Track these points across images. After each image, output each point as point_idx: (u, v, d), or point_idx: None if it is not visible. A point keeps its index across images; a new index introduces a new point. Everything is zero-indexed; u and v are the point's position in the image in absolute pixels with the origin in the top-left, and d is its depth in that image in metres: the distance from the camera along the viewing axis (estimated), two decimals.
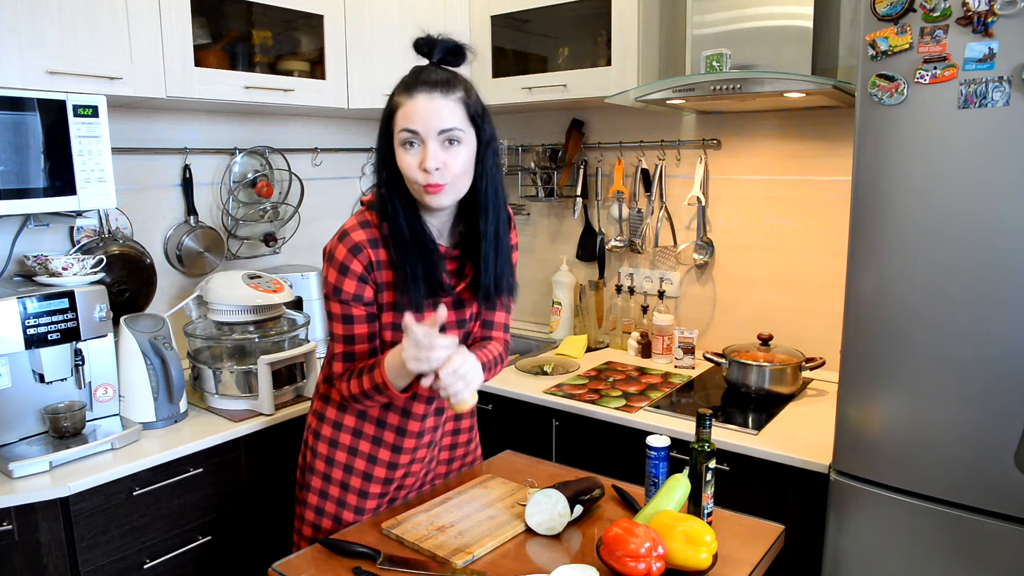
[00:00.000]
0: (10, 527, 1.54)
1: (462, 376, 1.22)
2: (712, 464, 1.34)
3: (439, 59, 1.34)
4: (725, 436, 1.81)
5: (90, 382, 1.83)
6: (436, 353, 1.20)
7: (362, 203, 1.41)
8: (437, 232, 1.40)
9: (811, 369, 2.08)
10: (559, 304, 2.75)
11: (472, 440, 1.68)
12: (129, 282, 2.17)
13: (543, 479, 1.58)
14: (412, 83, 1.30)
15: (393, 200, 1.33)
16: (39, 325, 1.69)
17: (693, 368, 2.37)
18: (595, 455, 2.05)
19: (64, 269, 1.81)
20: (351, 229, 1.35)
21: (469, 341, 1.54)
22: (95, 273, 1.86)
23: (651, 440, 1.42)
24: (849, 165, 1.57)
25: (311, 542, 1.49)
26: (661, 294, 2.54)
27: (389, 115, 1.32)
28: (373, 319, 1.39)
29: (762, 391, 2.04)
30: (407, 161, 1.29)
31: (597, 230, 2.71)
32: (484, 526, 1.36)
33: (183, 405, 1.95)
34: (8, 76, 1.67)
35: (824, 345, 2.21)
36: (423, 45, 1.34)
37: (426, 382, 1.24)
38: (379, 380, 1.31)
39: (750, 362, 2.04)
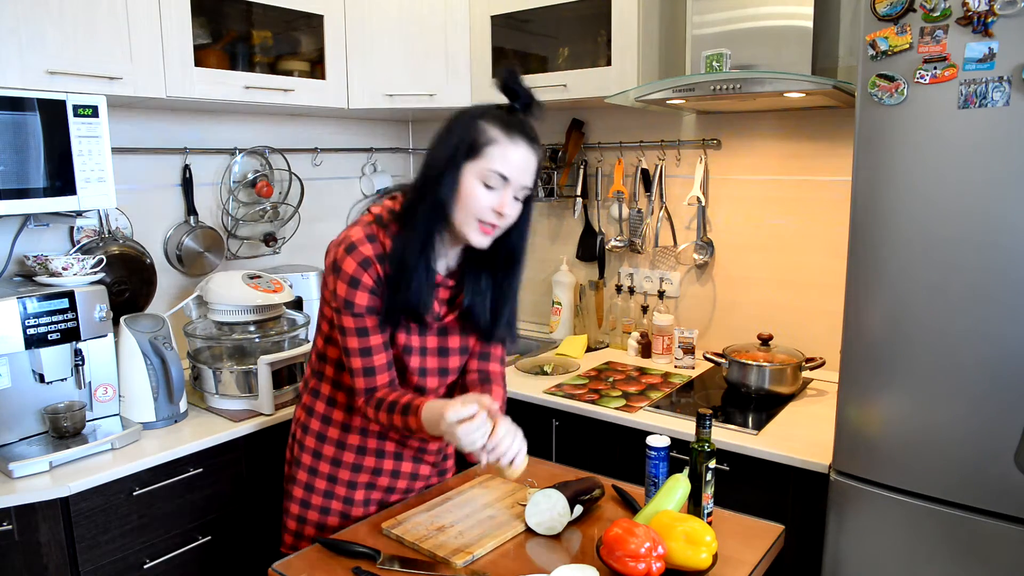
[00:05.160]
0: (10, 527, 1.54)
1: (509, 445, 1.23)
2: (712, 464, 1.34)
3: (521, 107, 1.32)
4: (725, 436, 1.81)
5: (90, 382, 1.83)
6: (467, 439, 1.20)
7: (370, 212, 1.37)
8: (442, 263, 1.40)
9: (811, 369, 2.08)
10: (559, 304, 2.75)
11: None
12: (129, 282, 2.17)
13: (543, 479, 1.58)
14: (512, 126, 1.29)
15: (429, 219, 1.30)
16: (39, 325, 1.69)
17: (693, 368, 2.37)
18: (595, 455, 2.05)
19: (64, 269, 1.81)
20: (359, 242, 1.31)
21: (467, 375, 1.52)
22: (95, 273, 1.86)
23: (651, 440, 1.42)
24: (849, 165, 1.57)
25: (296, 535, 1.51)
26: (661, 294, 2.54)
27: (476, 144, 1.27)
28: (385, 327, 1.36)
29: (762, 391, 2.04)
30: (483, 197, 1.28)
31: (597, 230, 2.71)
32: (484, 526, 1.36)
33: (183, 405, 1.95)
34: (8, 76, 1.67)
35: (824, 345, 2.21)
36: (513, 85, 1.30)
37: (483, 460, 1.23)
38: (415, 427, 1.30)
39: (750, 362, 2.04)
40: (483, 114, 1.30)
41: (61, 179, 1.75)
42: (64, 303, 1.74)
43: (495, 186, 1.28)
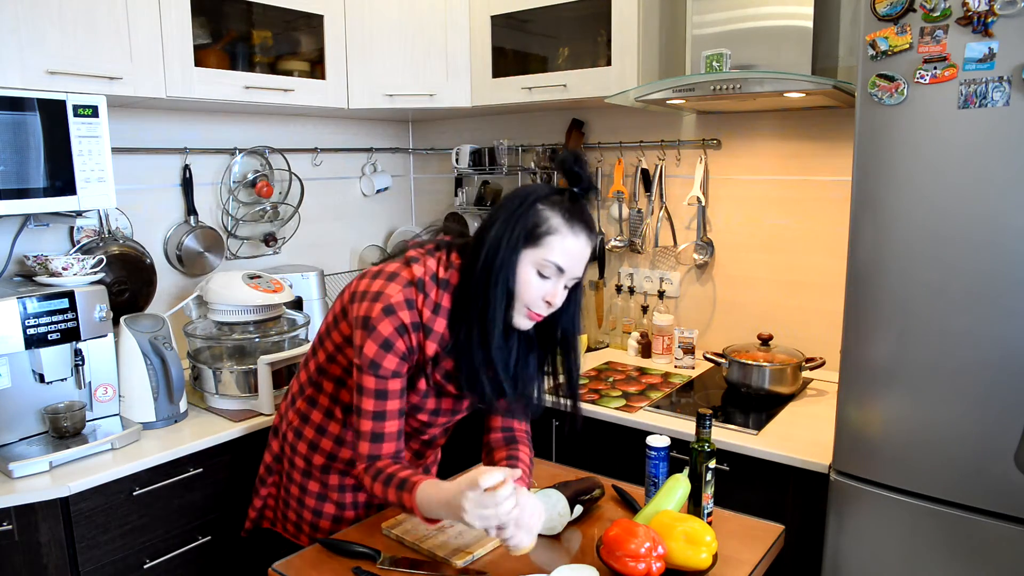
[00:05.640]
0: (10, 527, 1.54)
1: (524, 526, 1.16)
2: (712, 464, 1.34)
3: (581, 191, 1.28)
4: (725, 436, 1.81)
5: (90, 382, 1.83)
6: (501, 509, 1.12)
7: (409, 266, 1.29)
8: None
9: (811, 369, 2.08)
10: None
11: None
12: (129, 282, 2.17)
13: (543, 479, 1.58)
14: (574, 215, 1.24)
15: (494, 315, 1.24)
16: (39, 325, 1.69)
17: (693, 368, 2.37)
18: (595, 455, 2.05)
19: (64, 269, 1.81)
20: (397, 306, 1.24)
21: (491, 433, 1.49)
22: (95, 273, 1.86)
23: (651, 440, 1.43)
24: (849, 165, 1.57)
25: (296, 526, 1.50)
26: (661, 294, 2.54)
27: (537, 232, 1.23)
28: (404, 392, 1.31)
29: (762, 391, 2.04)
30: (535, 285, 1.24)
31: (597, 230, 2.71)
32: None
33: (183, 405, 1.95)
34: (8, 76, 1.67)
35: (824, 345, 2.21)
36: (576, 168, 1.26)
37: (493, 535, 1.16)
38: (407, 504, 1.22)
39: (750, 362, 2.04)
40: (544, 197, 1.25)
41: (61, 179, 1.75)
42: (64, 303, 1.73)
43: (549, 276, 1.24)
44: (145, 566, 1.76)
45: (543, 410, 1.44)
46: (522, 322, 1.28)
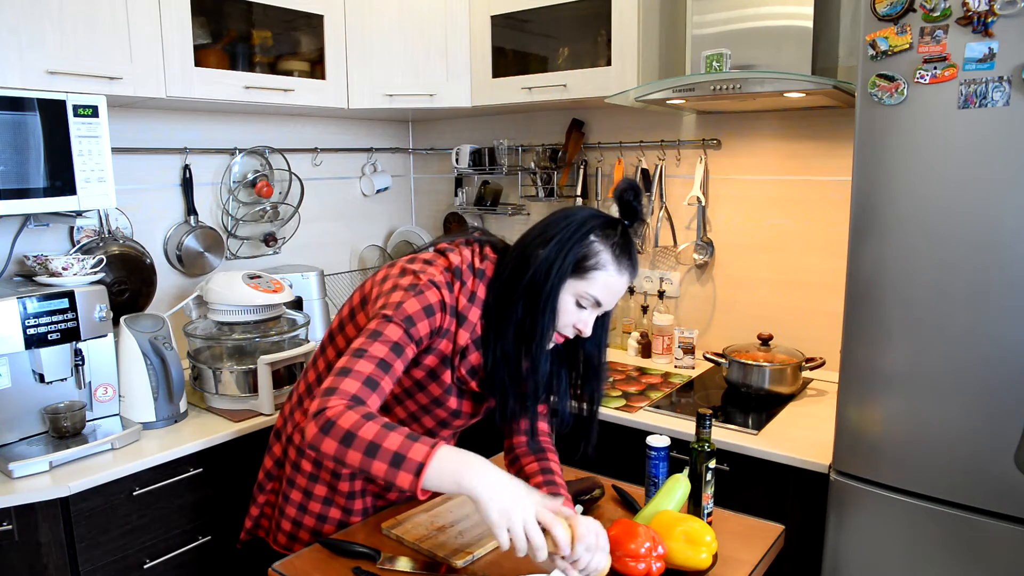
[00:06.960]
0: (10, 527, 1.54)
1: (600, 548, 1.10)
2: (712, 464, 1.34)
3: (630, 223, 1.28)
4: (725, 436, 1.81)
5: (90, 382, 1.83)
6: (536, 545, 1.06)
7: (445, 257, 1.30)
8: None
9: (811, 369, 2.08)
10: None
11: None
12: (129, 282, 2.17)
13: None
14: (623, 253, 1.24)
15: (527, 338, 1.25)
16: (39, 325, 1.69)
17: (693, 368, 2.37)
18: (595, 455, 2.05)
19: (64, 269, 1.81)
20: (440, 285, 1.25)
21: (513, 438, 1.49)
22: (95, 273, 1.86)
23: (651, 440, 1.43)
24: (849, 165, 1.57)
25: (291, 536, 1.48)
26: (661, 294, 2.54)
27: (585, 265, 1.23)
28: (407, 369, 1.27)
29: (762, 391, 2.04)
30: (571, 313, 1.25)
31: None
32: (484, 526, 1.36)
33: (183, 405, 1.95)
34: (8, 76, 1.67)
35: (824, 345, 2.21)
36: (633, 202, 1.25)
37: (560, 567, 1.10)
38: (419, 459, 1.03)
39: (750, 362, 2.04)
40: (597, 228, 1.24)
41: (61, 179, 1.75)
42: (64, 303, 1.74)
43: (586, 307, 1.25)
44: (145, 566, 1.76)
45: (570, 427, 1.43)
46: (549, 343, 1.29)
